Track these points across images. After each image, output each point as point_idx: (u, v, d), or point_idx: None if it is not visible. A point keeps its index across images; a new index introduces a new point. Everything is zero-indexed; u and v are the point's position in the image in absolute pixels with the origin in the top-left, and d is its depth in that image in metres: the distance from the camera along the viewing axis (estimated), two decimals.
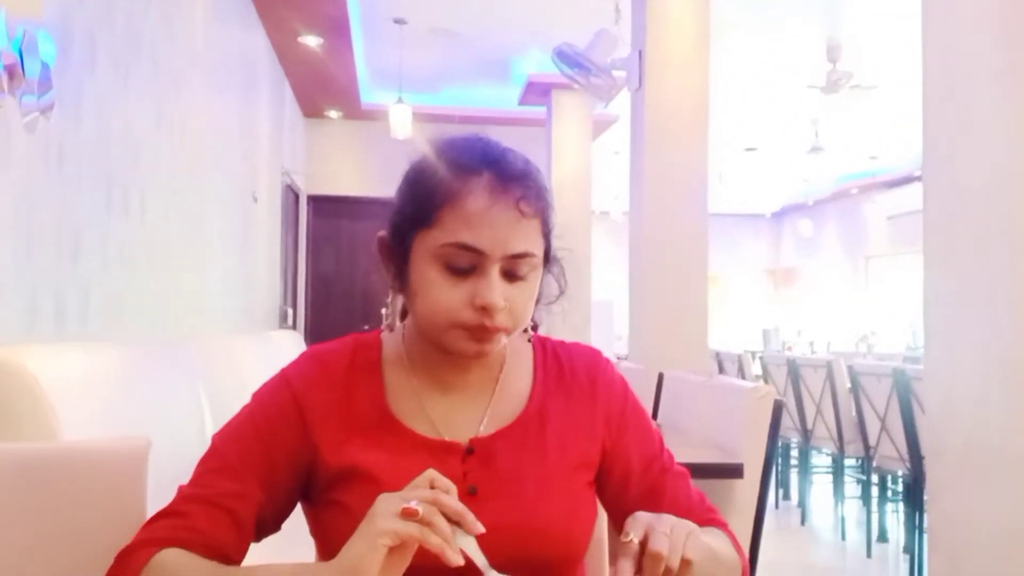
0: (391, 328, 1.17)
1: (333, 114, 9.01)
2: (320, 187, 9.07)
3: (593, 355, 1.20)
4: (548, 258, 1.12)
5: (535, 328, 1.20)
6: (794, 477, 6.09)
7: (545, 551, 1.05)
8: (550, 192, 1.12)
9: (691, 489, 1.16)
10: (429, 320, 1.07)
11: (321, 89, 7.92)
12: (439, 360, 1.13)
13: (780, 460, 6.08)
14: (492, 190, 1.04)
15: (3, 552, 1.23)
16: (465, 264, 1.03)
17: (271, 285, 6.86)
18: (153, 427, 2.13)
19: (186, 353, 2.85)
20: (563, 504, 1.08)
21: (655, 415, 3.45)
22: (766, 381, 5.93)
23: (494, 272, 1.03)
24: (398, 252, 1.10)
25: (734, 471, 2.16)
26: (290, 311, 7.91)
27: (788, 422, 5.72)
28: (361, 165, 9.08)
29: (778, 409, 2.30)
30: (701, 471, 2.30)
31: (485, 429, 1.11)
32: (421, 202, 1.06)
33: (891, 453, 4.40)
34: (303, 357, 1.16)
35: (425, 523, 0.85)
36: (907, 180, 11.96)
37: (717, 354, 7.00)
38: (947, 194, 2.49)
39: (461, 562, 0.86)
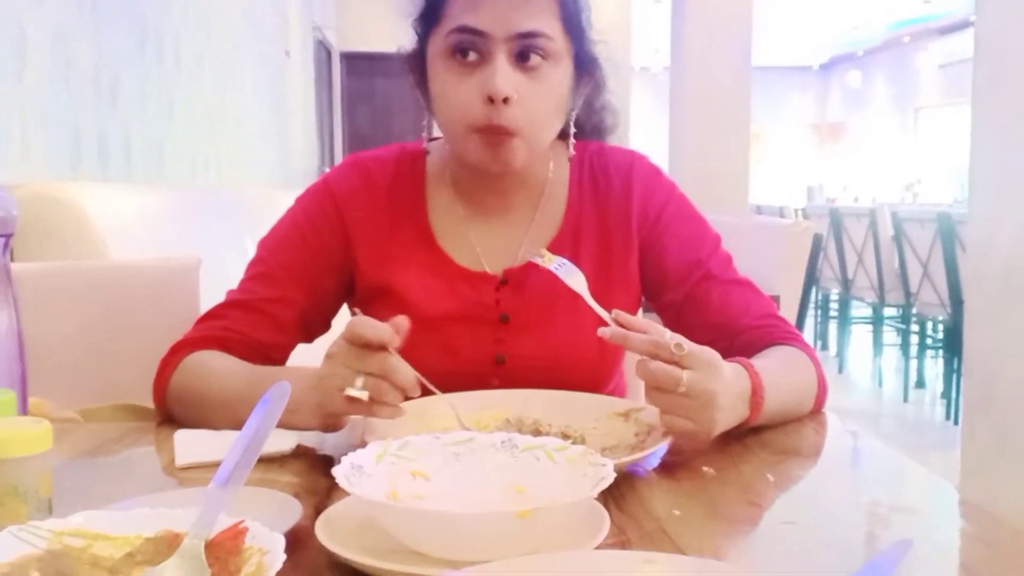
0: (426, 132, 1.12)
1: None
2: (353, 44, 8.89)
3: (630, 158, 1.13)
4: (580, 59, 1.04)
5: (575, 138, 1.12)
6: (832, 328, 6.11)
7: (577, 377, 1.03)
8: None
9: (752, 300, 1.07)
10: (448, 130, 1.04)
11: None
12: (478, 184, 1.10)
13: (819, 311, 6.10)
14: None
15: (77, 357, 1.32)
16: (471, 52, 0.97)
17: (307, 143, 6.85)
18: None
19: (230, 201, 2.89)
20: (594, 330, 1.07)
21: None
22: None
23: (500, 56, 0.96)
24: (419, 63, 1.06)
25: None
26: (327, 171, 7.92)
27: (828, 272, 5.70)
28: (395, 20, 8.84)
29: (817, 243, 2.29)
30: None
31: (521, 258, 1.08)
32: (428, 1, 1.03)
33: (932, 299, 4.39)
34: (345, 164, 1.15)
35: (374, 400, 0.81)
36: (962, 25, 11.40)
37: (758, 208, 6.93)
38: (998, 39, 2.38)
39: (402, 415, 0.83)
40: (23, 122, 1.98)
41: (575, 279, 0.93)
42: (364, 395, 0.80)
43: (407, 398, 0.82)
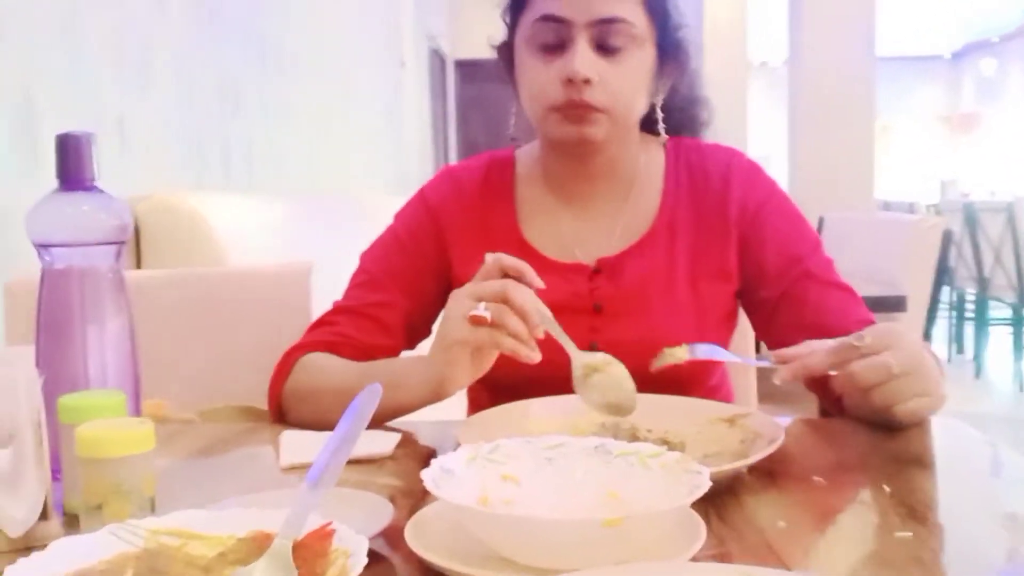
0: (513, 139, 1.16)
1: None
2: (466, 52, 9.00)
3: (728, 153, 1.13)
4: (663, 45, 1.05)
5: (670, 133, 1.13)
6: (969, 330, 5.79)
7: (671, 366, 1.00)
8: None
9: (851, 305, 1.05)
10: (531, 112, 1.07)
11: None
12: (567, 170, 1.12)
13: (954, 313, 5.79)
14: None
15: (198, 356, 1.38)
16: (553, 39, 1.01)
17: (422, 151, 6.97)
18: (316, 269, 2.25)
19: (347, 208, 2.96)
20: (690, 317, 1.05)
21: None
22: None
23: (581, 41, 1.00)
24: (509, 53, 1.10)
25: (896, 304, 2.08)
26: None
27: (964, 271, 5.41)
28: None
29: (946, 239, 2.18)
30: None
31: (614, 246, 1.09)
32: None
33: None
34: (438, 175, 1.20)
35: (496, 325, 0.83)
36: None
37: (886, 204, 6.64)
38: None
39: (538, 358, 0.84)
40: (149, 135, 2.08)
41: (714, 351, 0.92)
42: (487, 315, 0.82)
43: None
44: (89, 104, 1.80)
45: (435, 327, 1.16)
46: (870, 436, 0.89)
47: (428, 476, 0.60)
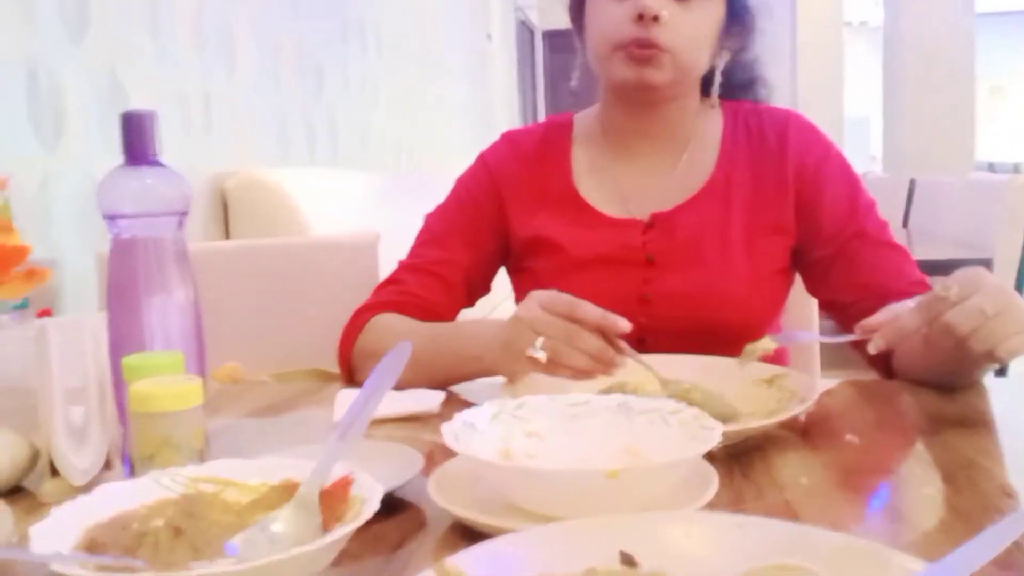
0: (579, 82, 1.18)
1: None
2: (556, 22, 8.95)
3: (786, 114, 1.14)
4: (734, 6, 1.07)
5: (729, 96, 1.16)
6: None
7: (724, 317, 1.04)
8: None
9: (905, 265, 1.06)
10: (596, 53, 1.08)
11: None
12: (626, 125, 1.14)
13: None
14: None
15: (272, 322, 1.45)
16: None
17: (511, 122, 6.99)
18: (390, 239, 2.32)
19: (430, 181, 3.02)
20: (743, 271, 1.06)
21: (905, 223, 3.24)
22: None
23: None
24: (579, 11, 1.13)
25: (981, 267, 1.99)
26: None
27: None
28: None
29: None
30: (942, 268, 2.15)
31: (668, 202, 1.11)
32: None
33: None
34: (499, 138, 1.23)
35: (552, 364, 0.84)
36: None
37: (991, 165, 6.35)
38: None
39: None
40: (235, 114, 2.17)
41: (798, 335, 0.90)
42: (542, 356, 0.83)
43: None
44: (175, 83, 1.89)
45: (494, 284, 1.21)
46: (918, 397, 0.88)
47: (448, 429, 0.63)
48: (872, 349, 0.80)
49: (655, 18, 1.00)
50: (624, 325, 0.84)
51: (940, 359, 0.87)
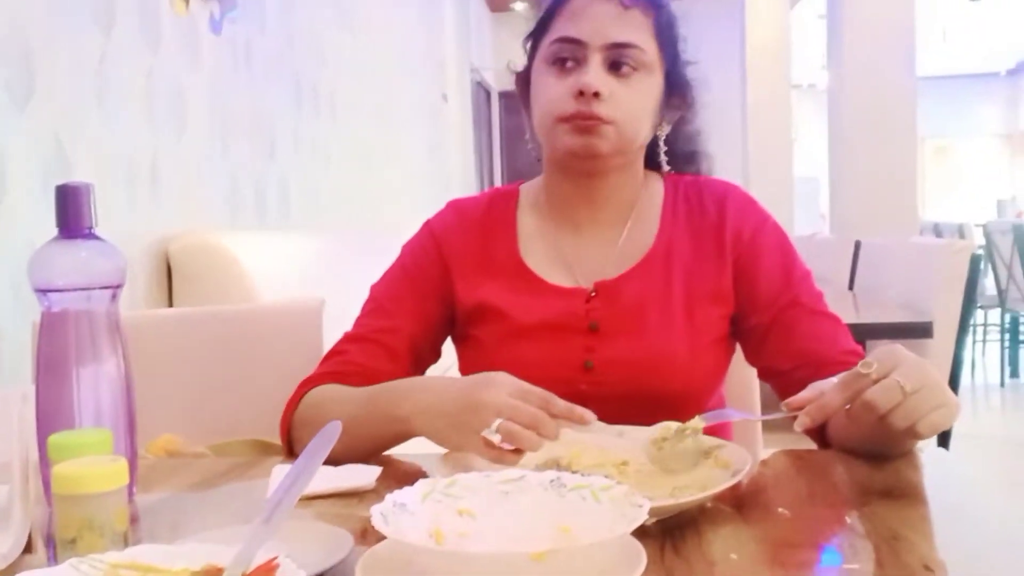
0: (534, 152, 1.20)
1: (519, 6, 8.95)
2: (511, 83, 9.08)
3: (725, 187, 1.17)
4: (671, 78, 1.11)
5: (668, 166, 1.18)
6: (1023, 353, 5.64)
7: (666, 385, 1.06)
8: (673, 10, 1.12)
9: (841, 335, 1.08)
10: (541, 125, 1.11)
11: None
12: (570, 193, 1.15)
13: (1008, 335, 5.64)
14: None
15: (212, 391, 1.43)
16: (568, 58, 1.07)
17: (466, 182, 7.04)
18: (344, 303, 2.31)
19: (385, 242, 3.02)
20: (685, 339, 1.08)
21: (851, 285, 3.30)
22: (989, 251, 5.46)
23: (595, 61, 1.06)
24: (525, 81, 1.16)
25: (922, 330, 2.05)
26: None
27: (1015, 293, 5.28)
28: None
29: (975, 264, 2.15)
30: (887, 331, 2.20)
31: (611, 270, 1.13)
32: (538, 23, 1.13)
33: None
34: (445, 207, 1.25)
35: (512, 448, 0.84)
36: None
37: (936, 226, 6.52)
38: None
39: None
40: (184, 176, 2.16)
41: (726, 414, 0.95)
42: (497, 438, 0.84)
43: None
44: (121, 148, 1.88)
45: (443, 349, 1.21)
46: (850, 468, 0.89)
47: (377, 511, 0.63)
48: (797, 427, 0.81)
49: (595, 94, 1.04)
50: (590, 416, 0.86)
51: (865, 433, 0.89)
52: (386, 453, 1.03)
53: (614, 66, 1.06)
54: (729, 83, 7.40)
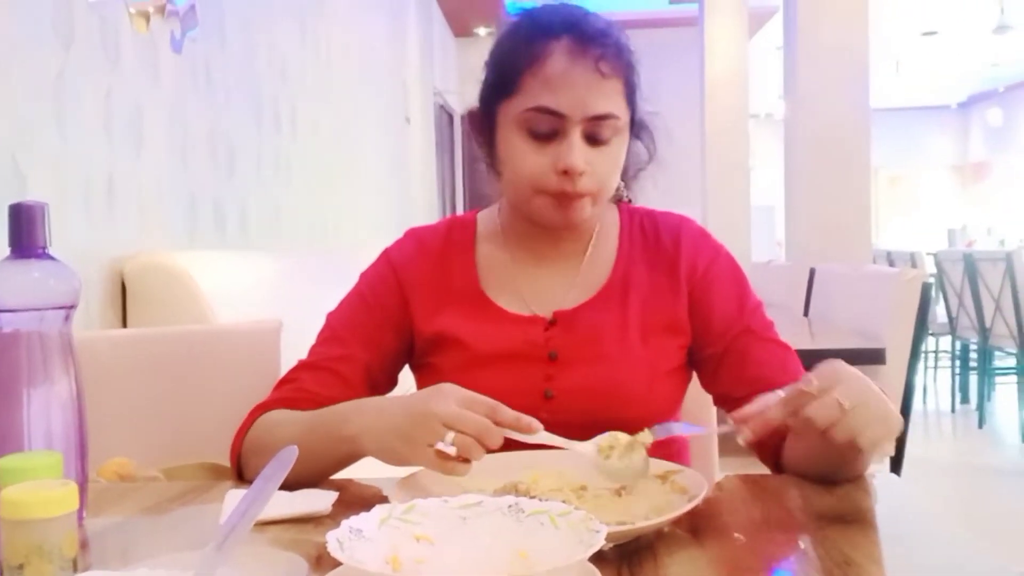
0: (494, 187, 1.19)
1: (482, 31, 9.02)
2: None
3: (679, 220, 1.20)
4: (634, 123, 1.12)
5: (629, 200, 1.21)
6: (974, 380, 5.76)
7: (624, 413, 1.05)
8: (632, 53, 1.11)
9: (791, 362, 1.10)
10: (515, 189, 1.10)
11: (469, 6, 7.93)
12: (531, 231, 1.16)
13: (958, 362, 5.76)
14: (571, 52, 1.05)
15: (167, 413, 1.40)
16: (547, 128, 1.05)
17: (428, 205, 7.05)
18: (302, 326, 2.29)
19: (345, 264, 3.01)
20: (643, 368, 1.09)
21: (806, 312, 3.35)
22: (940, 279, 5.58)
23: (575, 135, 1.04)
24: (486, 125, 1.14)
25: (875, 356, 2.08)
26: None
27: (965, 321, 5.40)
28: None
29: (926, 292, 2.19)
30: (841, 357, 2.22)
31: (569, 300, 1.14)
32: (503, 69, 1.09)
33: None
34: (404, 236, 1.25)
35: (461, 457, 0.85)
36: None
37: (888, 254, 6.65)
38: None
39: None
40: (140, 194, 2.13)
41: (676, 428, 0.96)
42: (452, 451, 0.84)
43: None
44: (78, 165, 1.86)
45: (400, 377, 1.21)
46: (802, 492, 0.91)
47: (333, 537, 0.62)
48: (741, 440, 0.84)
49: (580, 173, 1.04)
50: (537, 426, 0.87)
51: (812, 449, 0.91)
52: (343, 476, 1.02)
53: (592, 136, 1.05)
54: (689, 112, 7.51)
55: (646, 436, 0.90)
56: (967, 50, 11.09)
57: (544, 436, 0.89)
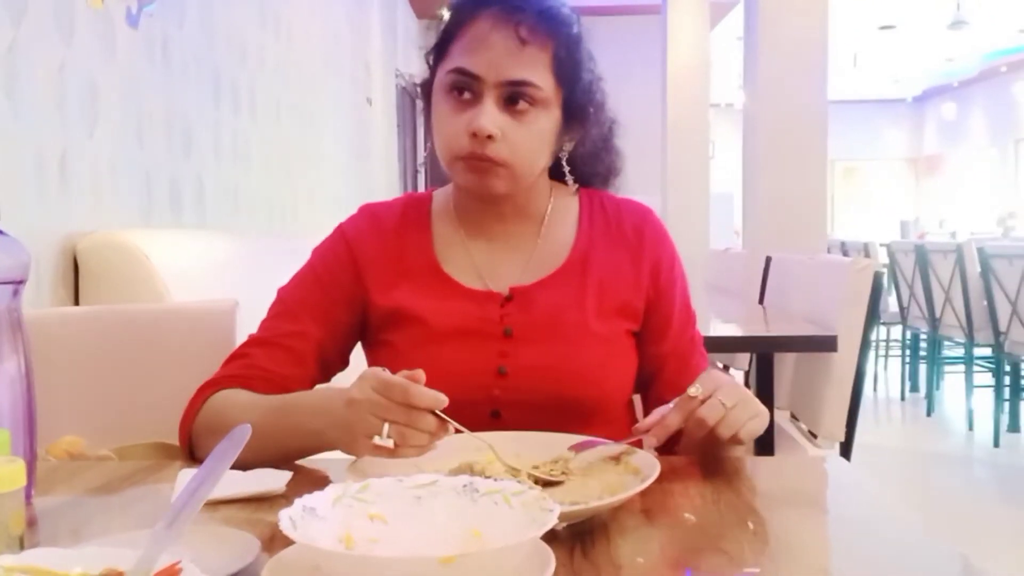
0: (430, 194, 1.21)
1: (445, 13, 8.95)
2: None
3: (643, 211, 1.20)
4: (569, 107, 1.10)
5: (579, 184, 1.20)
6: (923, 368, 5.88)
7: (578, 392, 1.07)
8: (571, 27, 1.09)
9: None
10: (440, 156, 1.11)
11: None
12: (474, 206, 1.17)
13: (908, 351, 5.87)
14: (496, 18, 1.06)
15: (119, 393, 1.38)
16: (464, 91, 1.06)
17: (390, 187, 7.01)
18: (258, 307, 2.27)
19: (303, 245, 2.98)
20: (598, 348, 1.10)
21: (761, 299, 3.39)
22: (892, 269, 5.69)
23: (489, 99, 1.05)
24: (428, 92, 1.15)
25: (827, 344, 2.12)
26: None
27: (916, 311, 5.51)
28: None
29: (877, 281, 2.23)
30: (795, 344, 2.27)
31: (526, 278, 1.14)
32: (439, 39, 1.11)
33: (1022, 339, 4.18)
34: (358, 211, 1.23)
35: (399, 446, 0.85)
36: None
37: (843, 244, 6.75)
38: None
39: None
40: (95, 172, 2.09)
41: (592, 441, 0.96)
42: (390, 443, 0.85)
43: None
44: (29, 141, 1.82)
45: (352, 358, 1.20)
46: (755, 475, 0.92)
47: (286, 515, 0.62)
48: (646, 447, 0.93)
49: (489, 136, 1.04)
50: (443, 400, 0.84)
51: (702, 445, 0.98)
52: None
53: (511, 100, 1.05)
54: (650, 100, 7.55)
55: (568, 455, 0.93)
56: (923, 45, 11.27)
57: (486, 435, 0.91)
